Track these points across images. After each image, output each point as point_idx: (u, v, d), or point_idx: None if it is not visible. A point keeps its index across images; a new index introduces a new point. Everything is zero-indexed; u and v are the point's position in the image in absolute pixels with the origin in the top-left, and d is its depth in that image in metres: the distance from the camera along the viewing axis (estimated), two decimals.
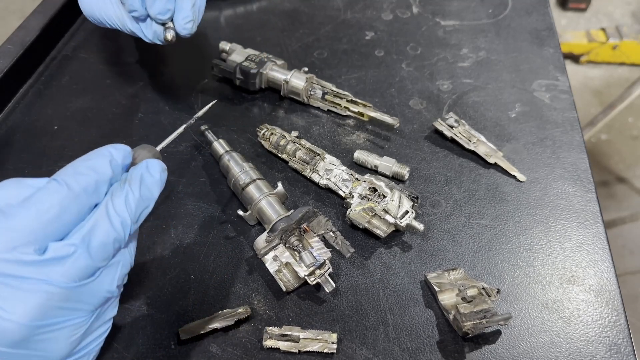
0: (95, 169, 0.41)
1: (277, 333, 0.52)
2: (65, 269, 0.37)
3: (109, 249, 0.40)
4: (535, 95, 0.78)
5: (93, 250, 0.38)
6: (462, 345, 0.52)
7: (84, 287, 0.38)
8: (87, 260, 0.38)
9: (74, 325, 0.39)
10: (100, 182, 0.41)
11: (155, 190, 0.45)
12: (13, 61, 0.78)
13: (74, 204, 0.39)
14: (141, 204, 0.43)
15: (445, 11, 0.94)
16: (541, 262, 0.59)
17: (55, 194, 0.38)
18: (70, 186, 0.39)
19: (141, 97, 0.80)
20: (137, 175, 0.43)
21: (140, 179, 0.43)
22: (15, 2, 2.70)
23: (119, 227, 0.40)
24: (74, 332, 0.39)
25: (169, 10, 0.62)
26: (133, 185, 0.42)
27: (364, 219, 0.59)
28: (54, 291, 0.36)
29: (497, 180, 0.67)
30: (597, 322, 0.54)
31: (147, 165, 0.44)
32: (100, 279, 0.40)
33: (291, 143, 0.68)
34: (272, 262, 0.56)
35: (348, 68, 0.84)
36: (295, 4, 0.97)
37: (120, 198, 0.41)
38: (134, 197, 0.42)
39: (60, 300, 0.37)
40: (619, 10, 2.83)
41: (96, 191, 0.40)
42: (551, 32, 0.89)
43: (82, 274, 0.38)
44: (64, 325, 0.38)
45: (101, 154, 0.42)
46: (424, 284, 0.57)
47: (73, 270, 0.37)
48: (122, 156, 0.44)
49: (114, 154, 0.43)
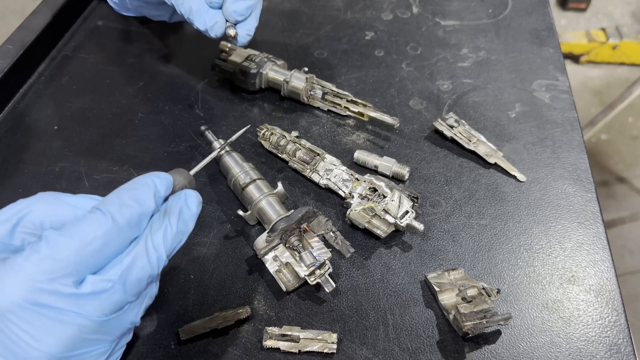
0: (139, 201, 0.41)
1: (277, 333, 0.52)
2: (100, 303, 0.37)
3: (142, 284, 0.40)
4: (535, 95, 0.78)
5: (128, 286, 0.38)
6: (462, 345, 0.52)
7: (113, 320, 0.39)
8: (122, 296, 0.38)
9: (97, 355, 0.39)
10: (144, 215, 0.41)
11: (191, 224, 0.44)
12: (13, 61, 0.78)
13: (117, 238, 0.38)
14: (177, 239, 0.43)
15: (445, 11, 0.94)
16: (541, 262, 0.59)
17: (100, 227, 0.38)
18: (115, 219, 0.38)
19: (141, 97, 0.80)
20: (176, 209, 0.43)
21: (179, 213, 0.43)
22: (15, 2, 2.70)
23: (154, 263, 0.40)
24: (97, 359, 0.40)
25: (244, 16, 0.65)
26: (172, 219, 0.42)
27: (364, 219, 0.59)
28: (87, 324, 0.37)
29: (497, 180, 0.67)
30: (597, 322, 0.54)
31: (185, 199, 0.44)
32: (127, 312, 0.40)
33: (291, 143, 0.68)
34: (272, 262, 0.56)
35: (348, 68, 0.84)
36: (295, 4, 0.97)
37: (159, 233, 0.41)
38: (172, 232, 0.42)
39: (90, 333, 0.37)
40: (619, 10, 2.83)
41: (138, 225, 0.40)
42: (551, 32, 0.89)
43: (114, 308, 0.38)
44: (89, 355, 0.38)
45: (145, 184, 0.42)
46: (424, 284, 0.57)
47: (107, 305, 0.37)
48: (165, 187, 0.43)
49: (157, 185, 0.43)
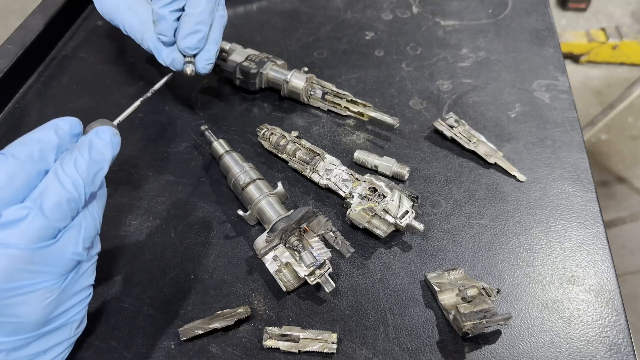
0: (40, 139, 0.43)
1: (277, 333, 0.52)
2: (21, 231, 0.38)
3: (64, 208, 0.41)
4: (535, 95, 0.78)
5: (47, 210, 0.39)
6: (462, 345, 0.52)
7: (47, 249, 0.39)
8: (43, 221, 0.39)
9: (44, 289, 0.40)
10: (46, 149, 0.42)
11: (107, 153, 0.46)
12: (13, 61, 0.78)
13: (21, 171, 0.40)
14: (93, 166, 0.44)
15: (445, 11, 0.94)
16: (541, 262, 0.59)
17: (1, 164, 0.40)
18: (15, 155, 0.40)
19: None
20: (85, 140, 0.45)
21: (89, 144, 0.44)
22: (15, 2, 2.70)
23: (70, 187, 0.41)
24: (46, 296, 0.40)
25: (197, 48, 0.66)
26: (82, 149, 0.44)
27: (364, 219, 0.59)
28: (15, 254, 0.37)
29: (497, 180, 0.67)
30: (597, 322, 0.54)
31: (96, 132, 0.46)
32: (63, 241, 0.41)
33: (291, 143, 0.68)
34: (272, 262, 0.56)
35: (348, 68, 0.84)
36: (295, 4, 0.97)
37: (69, 162, 0.42)
38: (84, 160, 0.43)
39: (24, 263, 0.38)
40: (619, 10, 2.83)
41: (43, 158, 0.42)
42: (551, 32, 0.89)
43: (40, 234, 0.39)
44: (33, 288, 0.39)
45: (46, 126, 0.44)
46: (424, 284, 0.57)
47: (30, 232, 0.38)
48: (69, 125, 0.45)
49: (59, 124, 0.45)
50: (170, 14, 0.64)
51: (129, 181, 0.68)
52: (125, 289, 0.57)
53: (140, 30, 0.67)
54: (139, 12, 0.67)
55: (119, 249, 0.61)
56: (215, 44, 0.67)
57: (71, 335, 0.45)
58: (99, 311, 0.55)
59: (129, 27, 0.68)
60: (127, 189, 0.67)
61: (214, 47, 0.67)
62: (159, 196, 0.66)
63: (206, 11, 0.64)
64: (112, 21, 0.70)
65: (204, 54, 0.67)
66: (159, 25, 0.65)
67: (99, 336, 0.53)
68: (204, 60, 0.67)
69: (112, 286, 0.57)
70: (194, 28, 0.64)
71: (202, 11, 0.63)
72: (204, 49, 0.67)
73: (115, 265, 0.59)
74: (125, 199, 0.66)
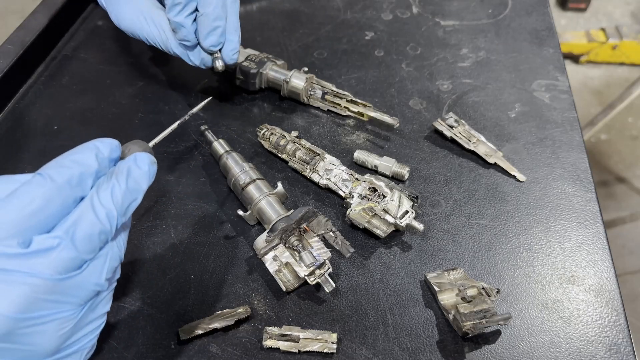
0: (79, 162, 0.41)
1: (277, 333, 0.52)
2: (49, 261, 0.37)
3: (95, 240, 0.40)
4: (535, 95, 0.78)
5: (78, 241, 0.38)
6: (462, 345, 0.53)
7: (71, 280, 0.38)
8: (72, 252, 0.38)
9: (62, 319, 0.39)
10: (85, 174, 0.41)
11: (143, 183, 0.44)
12: (13, 61, 0.78)
13: (57, 197, 0.39)
14: (128, 196, 0.43)
15: (445, 11, 0.94)
16: (541, 262, 0.59)
17: (39, 187, 0.38)
18: (54, 179, 0.39)
19: (141, 97, 0.80)
20: (124, 168, 0.43)
21: (127, 172, 0.43)
22: (15, 2, 2.70)
23: (104, 218, 0.40)
24: (63, 326, 0.39)
25: (220, 43, 0.67)
26: (120, 177, 0.42)
27: (364, 219, 0.59)
28: (39, 283, 0.37)
29: (497, 180, 0.67)
30: (596, 322, 0.54)
31: (135, 158, 0.44)
32: (88, 272, 0.40)
33: (291, 143, 0.68)
34: (272, 262, 0.56)
35: (348, 68, 0.84)
36: (295, 4, 0.97)
37: (106, 191, 0.41)
38: (120, 189, 0.42)
39: (46, 293, 0.37)
40: (619, 10, 2.83)
41: (80, 184, 0.40)
42: (551, 32, 0.89)
43: (67, 266, 0.38)
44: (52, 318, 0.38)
45: (87, 148, 0.43)
46: (423, 284, 0.57)
47: (58, 262, 0.37)
48: (109, 149, 0.44)
49: (100, 147, 0.43)
50: (186, 19, 0.64)
51: None
52: (125, 289, 0.57)
53: (163, 38, 0.67)
54: (156, 21, 0.67)
55: None
56: (235, 32, 0.68)
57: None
58: None
59: (151, 38, 0.68)
60: None
61: (235, 36, 0.68)
62: (159, 196, 0.66)
63: (218, 6, 0.64)
64: (134, 35, 0.70)
65: (228, 45, 0.68)
66: (179, 32, 0.65)
67: (99, 336, 0.53)
68: (229, 51, 0.68)
69: None
70: (212, 25, 0.65)
71: (214, 7, 0.64)
72: (226, 41, 0.68)
73: None
74: None
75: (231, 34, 0.68)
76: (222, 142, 0.67)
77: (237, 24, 0.69)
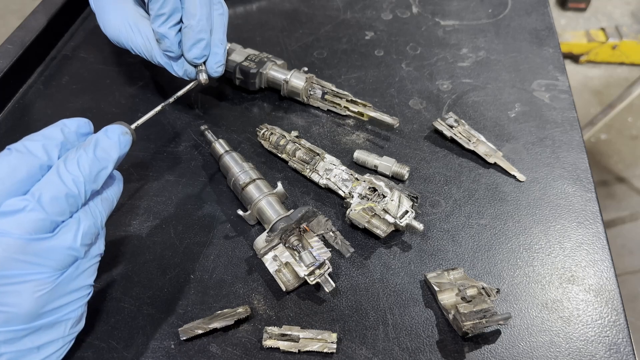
0: (44, 134, 0.44)
1: (277, 333, 0.52)
2: (18, 221, 0.39)
3: (62, 202, 0.41)
4: (534, 95, 0.78)
5: (45, 203, 0.40)
6: (462, 345, 0.53)
7: (43, 242, 0.40)
8: (41, 214, 0.40)
9: (38, 281, 0.40)
10: (49, 145, 0.44)
11: (112, 152, 0.46)
12: (13, 61, 0.78)
13: (22, 164, 0.41)
14: (97, 164, 0.44)
15: (445, 11, 0.94)
16: (541, 261, 0.59)
17: (3, 157, 0.41)
18: (19, 149, 0.42)
19: (141, 97, 0.80)
20: (92, 139, 0.46)
21: (95, 142, 0.45)
22: (15, 2, 2.70)
23: (70, 183, 0.42)
24: (39, 288, 0.41)
25: (204, 55, 0.67)
26: (87, 147, 0.45)
27: (364, 219, 0.59)
28: (10, 242, 0.38)
29: (496, 180, 0.67)
30: (596, 321, 0.54)
31: (105, 130, 0.47)
32: (60, 235, 0.41)
33: (291, 143, 0.68)
34: (272, 262, 0.56)
35: (348, 68, 0.84)
36: (295, 4, 0.97)
37: (72, 159, 0.43)
38: (88, 157, 0.44)
39: (17, 252, 0.39)
40: (619, 10, 2.83)
41: (45, 154, 0.43)
42: (551, 32, 0.89)
43: (37, 227, 0.40)
44: (26, 279, 0.40)
45: (54, 125, 0.46)
46: (423, 283, 0.57)
47: (27, 223, 0.39)
48: (76, 125, 0.46)
49: (66, 122, 0.46)
50: (169, 30, 0.64)
51: (129, 181, 0.68)
52: (125, 289, 0.57)
53: (147, 48, 0.67)
54: (142, 30, 0.67)
55: (119, 249, 0.61)
56: (220, 45, 0.68)
57: (66, 333, 0.45)
58: (99, 311, 0.55)
59: (136, 48, 0.68)
60: (127, 189, 0.67)
61: (220, 49, 0.68)
62: (159, 196, 0.66)
63: (203, 18, 0.64)
64: (119, 44, 0.70)
65: (212, 58, 0.67)
66: (162, 43, 0.65)
67: (99, 336, 0.53)
68: (213, 64, 0.67)
69: (112, 286, 0.57)
70: (196, 38, 0.64)
71: (199, 20, 0.63)
72: (211, 54, 0.67)
73: (115, 265, 0.59)
74: (125, 199, 0.66)
75: (216, 47, 0.67)
76: (222, 142, 0.67)
77: (224, 38, 0.68)
